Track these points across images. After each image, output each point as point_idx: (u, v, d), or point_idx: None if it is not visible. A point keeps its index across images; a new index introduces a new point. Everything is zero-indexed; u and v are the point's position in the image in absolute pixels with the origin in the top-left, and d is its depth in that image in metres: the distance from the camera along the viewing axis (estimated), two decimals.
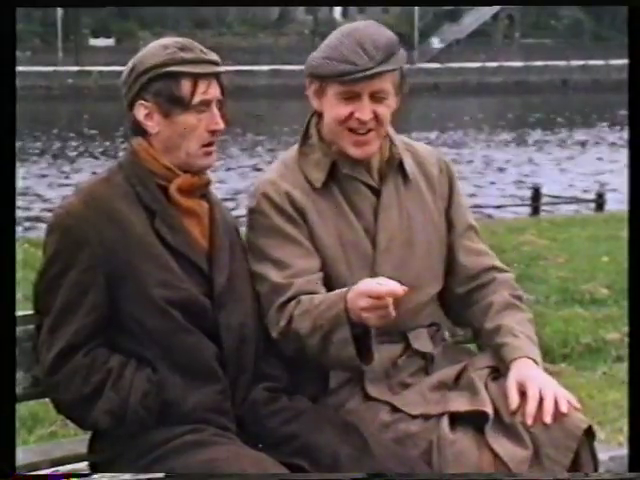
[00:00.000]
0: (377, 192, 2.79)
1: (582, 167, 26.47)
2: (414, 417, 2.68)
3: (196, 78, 2.56)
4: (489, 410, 2.62)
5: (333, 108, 2.72)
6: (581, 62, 63.31)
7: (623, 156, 23.21)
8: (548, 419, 2.51)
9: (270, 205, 2.72)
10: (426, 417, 2.66)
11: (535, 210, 16.80)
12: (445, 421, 2.63)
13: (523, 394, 2.58)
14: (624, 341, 6.01)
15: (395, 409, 2.70)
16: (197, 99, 2.57)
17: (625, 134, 31.08)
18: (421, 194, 2.85)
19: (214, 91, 2.60)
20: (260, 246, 2.73)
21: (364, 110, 2.69)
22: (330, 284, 2.71)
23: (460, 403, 2.66)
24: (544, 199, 17.55)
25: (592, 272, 8.49)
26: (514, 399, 2.57)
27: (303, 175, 2.77)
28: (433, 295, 2.87)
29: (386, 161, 2.80)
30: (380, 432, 2.66)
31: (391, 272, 2.68)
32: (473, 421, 2.64)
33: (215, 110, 2.61)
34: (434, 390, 2.73)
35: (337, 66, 2.66)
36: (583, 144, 32.66)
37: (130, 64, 2.60)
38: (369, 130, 2.71)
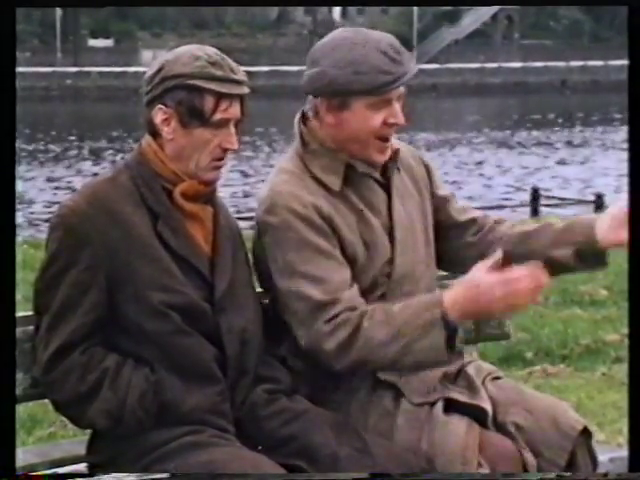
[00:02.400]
0: (384, 187, 2.81)
1: (582, 167, 26.49)
2: (415, 405, 2.70)
3: (220, 96, 2.55)
4: (488, 407, 2.65)
5: (364, 120, 2.68)
6: (580, 63, 63.38)
7: (622, 157, 23.20)
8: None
9: (297, 219, 2.66)
10: (426, 404, 2.70)
11: (534, 211, 16.81)
12: (439, 404, 2.68)
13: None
14: (623, 342, 6.02)
15: (398, 395, 2.73)
16: (217, 117, 2.55)
17: (620, 135, 31.10)
18: (408, 185, 2.88)
19: (234, 111, 2.58)
20: (290, 262, 2.66)
21: (399, 115, 2.70)
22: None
23: (459, 395, 2.71)
24: (543, 200, 17.56)
25: (591, 273, 8.48)
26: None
27: (316, 181, 2.72)
28: (434, 276, 2.92)
29: (390, 156, 2.81)
30: (382, 418, 2.69)
31: (408, 264, 2.78)
32: (468, 413, 2.68)
33: (232, 129, 2.59)
34: (437, 381, 2.76)
35: (376, 78, 2.63)
36: (583, 145, 32.66)
37: (158, 64, 2.58)
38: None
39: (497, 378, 2.86)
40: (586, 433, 2.69)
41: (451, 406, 2.71)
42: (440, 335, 2.55)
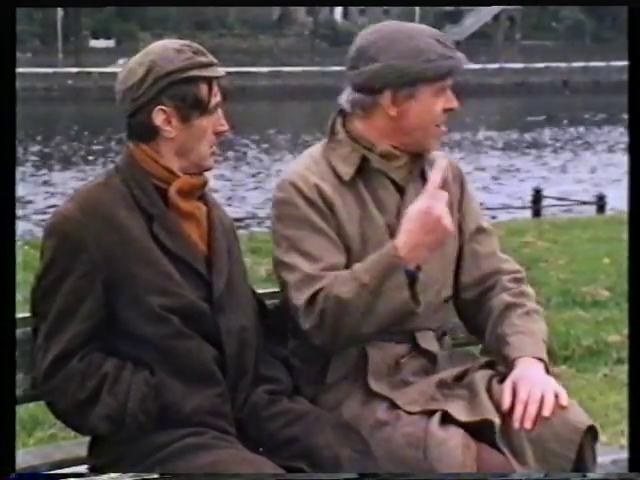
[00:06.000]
0: (401, 189, 2.81)
1: (583, 169, 26.49)
2: (410, 414, 2.67)
3: (210, 82, 2.57)
4: (492, 417, 2.62)
5: (429, 108, 2.74)
6: (582, 63, 63.39)
7: (622, 158, 23.21)
8: (528, 424, 2.58)
9: (300, 196, 2.74)
10: (422, 414, 2.66)
11: (536, 212, 16.80)
12: (436, 418, 2.63)
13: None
14: (625, 343, 6.00)
15: (393, 406, 2.70)
16: (213, 102, 2.58)
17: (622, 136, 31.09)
18: None
19: (219, 94, 2.61)
20: (289, 236, 2.73)
21: (454, 100, 2.78)
22: None
23: (459, 408, 2.66)
24: (545, 201, 17.55)
25: (593, 274, 8.48)
26: (506, 401, 2.64)
27: (331, 168, 2.78)
28: (444, 298, 2.88)
29: (414, 158, 2.82)
30: (376, 430, 2.65)
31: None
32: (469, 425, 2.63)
33: (221, 112, 2.62)
34: (434, 388, 2.73)
35: (444, 64, 2.70)
36: (584, 145, 32.66)
37: (144, 68, 2.55)
38: None
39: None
40: (592, 432, 2.64)
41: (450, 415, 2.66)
42: (399, 277, 2.59)
